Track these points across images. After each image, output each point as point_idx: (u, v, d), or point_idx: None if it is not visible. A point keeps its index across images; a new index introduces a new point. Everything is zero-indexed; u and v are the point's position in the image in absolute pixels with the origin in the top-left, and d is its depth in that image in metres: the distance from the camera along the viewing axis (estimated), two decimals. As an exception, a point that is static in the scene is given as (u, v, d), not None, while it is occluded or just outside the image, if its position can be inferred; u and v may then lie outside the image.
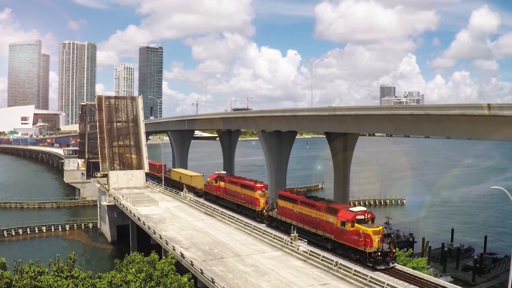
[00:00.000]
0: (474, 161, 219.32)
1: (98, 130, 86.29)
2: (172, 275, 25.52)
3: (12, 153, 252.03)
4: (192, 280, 29.43)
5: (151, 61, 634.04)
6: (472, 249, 64.09)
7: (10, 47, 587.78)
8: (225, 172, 70.36)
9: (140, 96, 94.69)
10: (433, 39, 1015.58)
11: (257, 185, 55.61)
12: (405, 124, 51.12)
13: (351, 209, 39.29)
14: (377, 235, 36.13)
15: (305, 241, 42.16)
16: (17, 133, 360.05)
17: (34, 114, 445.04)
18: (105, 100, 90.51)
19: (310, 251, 39.07)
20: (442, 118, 44.54)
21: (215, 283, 32.23)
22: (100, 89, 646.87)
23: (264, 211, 53.40)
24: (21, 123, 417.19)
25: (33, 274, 23.61)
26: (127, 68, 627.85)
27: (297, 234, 42.61)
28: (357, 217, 37.52)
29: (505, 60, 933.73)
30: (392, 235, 41.39)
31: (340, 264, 35.25)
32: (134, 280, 24.01)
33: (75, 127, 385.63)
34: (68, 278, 24.22)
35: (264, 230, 47.00)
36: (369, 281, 31.77)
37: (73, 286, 23.20)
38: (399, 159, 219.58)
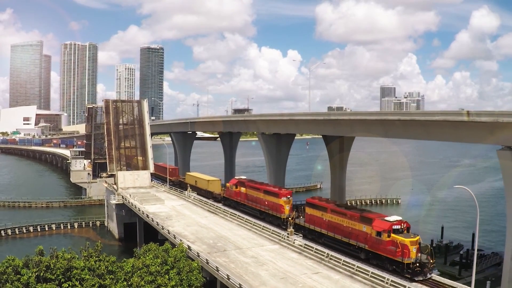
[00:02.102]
0: (472, 162, 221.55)
1: (105, 133, 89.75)
2: (184, 261, 29.40)
3: (16, 153, 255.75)
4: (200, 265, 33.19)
5: (152, 62, 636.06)
6: (461, 245, 66.83)
7: (12, 48, 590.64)
8: (245, 177, 69.50)
9: (145, 100, 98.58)
10: (433, 39, 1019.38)
11: (282, 192, 54.69)
12: (394, 128, 54.73)
13: (387, 218, 38.36)
14: (414, 245, 35.46)
15: (300, 236, 45.84)
16: (20, 133, 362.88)
17: (36, 114, 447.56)
18: (112, 103, 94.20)
19: (305, 244, 42.82)
20: (427, 123, 48.27)
21: (219, 272, 36.14)
22: (101, 90, 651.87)
23: (290, 218, 51.73)
24: (23, 124, 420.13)
25: (69, 256, 27.73)
26: (128, 68, 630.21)
27: (293, 229, 46.39)
28: (393, 227, 36.80)
29: (505, 60, 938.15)
30: (429, 246, 40.18)
31: (331, 255, 39.03)
32: (153, 264, 28.01)
33: (77, 128, 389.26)
34: (96, 262, 28.27)
35: (263, 226, 50.78)
36: (356, 270, 35.57)
37: (104, 267, 27.23)
38: (398, 159, 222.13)
